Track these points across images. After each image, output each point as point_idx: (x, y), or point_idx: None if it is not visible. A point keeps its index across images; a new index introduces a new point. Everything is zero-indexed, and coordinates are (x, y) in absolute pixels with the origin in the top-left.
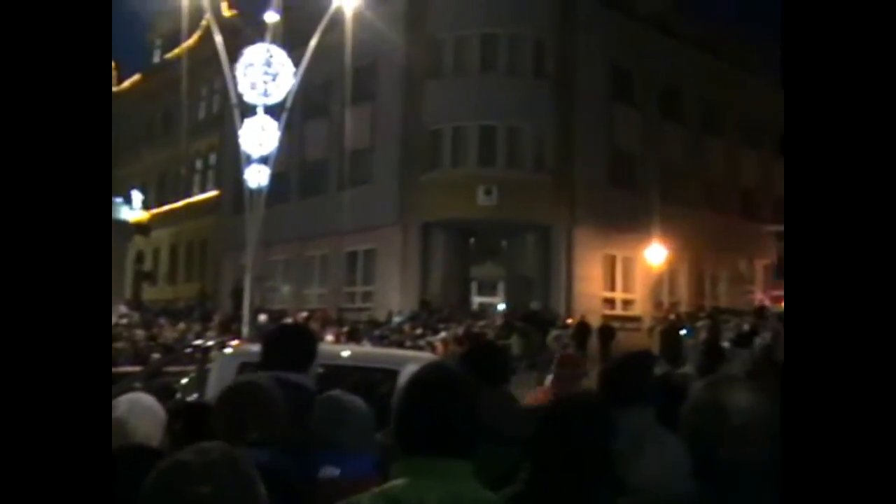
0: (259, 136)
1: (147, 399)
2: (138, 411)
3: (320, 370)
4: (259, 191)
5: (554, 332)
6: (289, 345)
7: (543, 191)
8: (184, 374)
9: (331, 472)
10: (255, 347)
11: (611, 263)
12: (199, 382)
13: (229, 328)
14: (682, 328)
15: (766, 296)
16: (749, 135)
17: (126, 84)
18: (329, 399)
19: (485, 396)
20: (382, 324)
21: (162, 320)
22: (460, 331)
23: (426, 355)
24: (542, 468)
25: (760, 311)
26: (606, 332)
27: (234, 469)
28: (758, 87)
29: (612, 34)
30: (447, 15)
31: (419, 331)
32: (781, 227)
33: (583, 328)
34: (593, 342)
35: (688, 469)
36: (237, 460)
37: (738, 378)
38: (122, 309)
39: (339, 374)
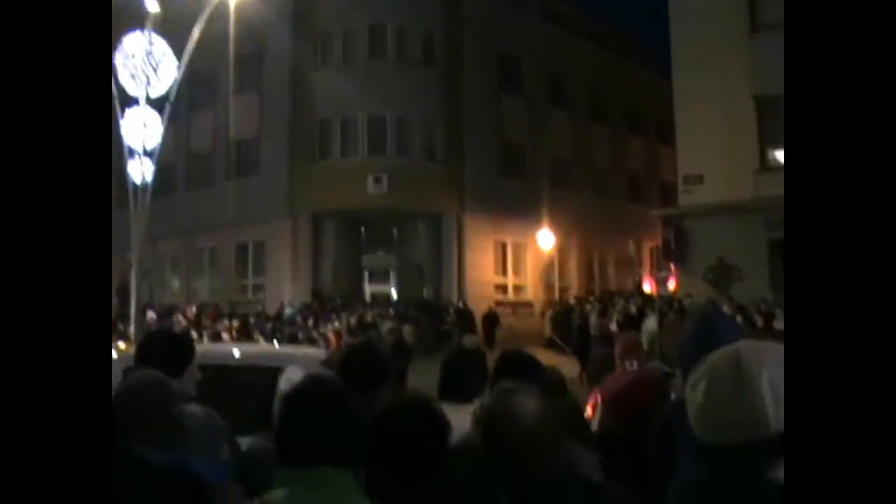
0: (142, 129)
1: None
2: None
3: (199, 376)
4: (144, 185)
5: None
6: (161, 351)
7: (433, 179)
8: None
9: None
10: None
11: (502, 250)
12: None
13: (115, 327)
14: (571, 312)
15: (652, 278)
16: (633, 122)
17: None
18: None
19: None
20: (275, 317)
21: None
22: (353, 321)
23: (314, 352)
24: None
25: (643, 292)
26: (491, 318)
27: None
28: (641, 75)
29: (498, 23)
30: (334, 5)
31: (312, 322)
32: (667, 211)
33: (464, 314)
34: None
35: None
36: None
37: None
38: None
39: (230, 374)
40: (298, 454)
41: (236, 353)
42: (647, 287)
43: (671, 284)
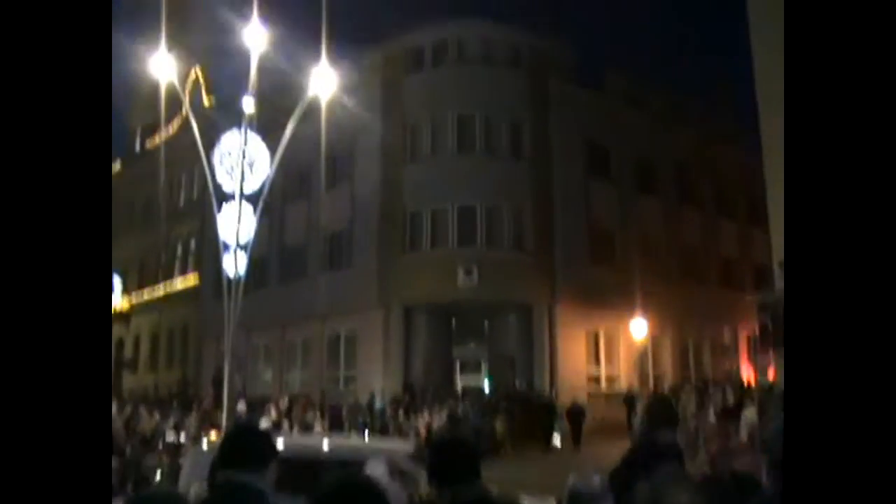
0: (236, 224)
1: None
2: None
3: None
4: (237, 278)
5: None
6: (243, 445)
7: (524, 269)
8: (158, 467)
9: None
10: None
11: (594, 339)
12: (172, 477)
13: (210, 417)
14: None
15: (750, 366)
16: (724, 205)
17: None
18: None
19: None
20: (366, 408)
21: (141, 410)
22: (443, 414)
23: (402, 445)
24: None
25: (740, 381)
26: (577, 412)
27: None
28: (731, 156)
29: (584, 111)
30: (422, 98)
31: (402, 414)
32: (763, 296)
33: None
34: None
35: None
36: None
37: (683, 477)
38: None
39: (319, 467)
40: None
41: (325, 446)
42: (745, 376)
43: (770, 373)
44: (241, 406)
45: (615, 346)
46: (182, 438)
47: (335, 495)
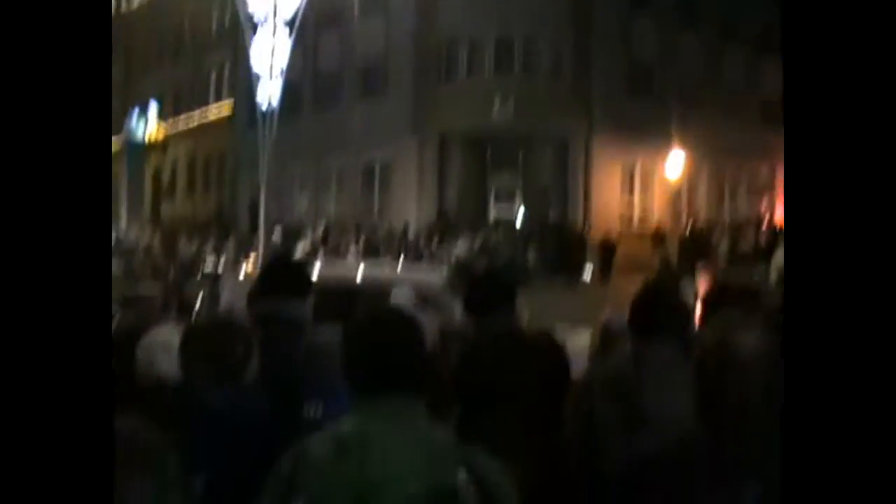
0: (270, 52)
1: (164, 333)
2: (156, 347)
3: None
4: (271, 106)
5: None
6: (282, 276)
7: (561, 100)
8: (200, 292)
9: (314, 410)
10: None
11: (629, 174)
12: (213, 302)
13: (247, 245)
14: (699, 240)
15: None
16: (767, 44)
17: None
18: (315, 335)
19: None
20: (400, 237)
21: (179, 236)
22: (477, 242)
23: (435, 274)
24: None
25: (775, 222)
26: (608, 247)
27: None
28: None
29: None
30: None
31: (436, 243)
32: None
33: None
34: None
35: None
36: None
37: (744, 317)
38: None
39: (353, 296)
40: (367, 380)
41: (359, 274)
42: (780, 217)
43: None
44: (277, 234)
45: (650, 182)
46: (220, 266)
47: (369, 326)
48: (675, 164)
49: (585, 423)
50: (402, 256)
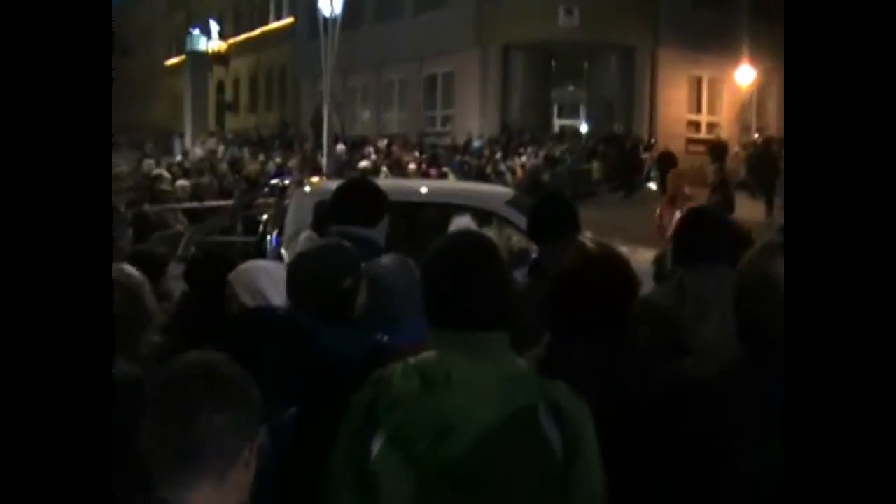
0: None
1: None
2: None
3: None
4: (333, 17)
5: None
6: (357, 200)
7: (627, 10)
8: (267, 207)
9: (382, 339)
10: (331, 185)
11: (696, 85)
12: (279, 218)
13: (311, 159)
14: (768, 153)
15: None
16: None
17: None
18: (376, 267)
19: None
20: (463, 148)
21: (244, 151)
22: (541, 155)
23: (500, 190)
24: (558, 332)
25: None
26: (668, 158)
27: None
28: None
29: None
30: None
31: (500, 155)
32: None
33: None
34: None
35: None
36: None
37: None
38: (204, 146)
39: (416, 210)
40: (448, 314)
41: (423, 189)
42: None
43: None
44: (341, 147)
45: (718, 93)
46: (286, 180)
47: (448, 258)
48: (743, 76)
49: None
50: (463, 169)
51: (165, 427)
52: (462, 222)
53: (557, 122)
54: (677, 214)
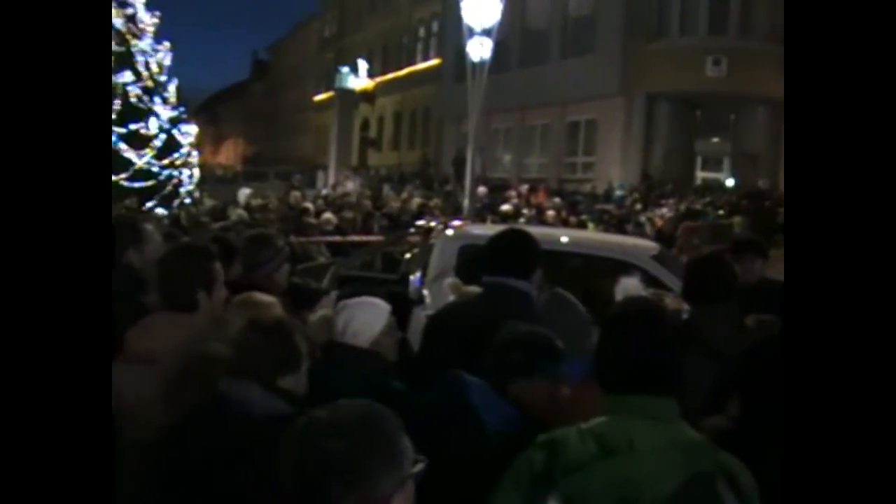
0: (480, 8)
1: (371, 300)
2: (354, 310)
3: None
4: (481, 61)
5: None
6: (514, 251)
7: (775, 62)
8: (409, 246)
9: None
10: (476, 230)
11: None
12: (422, 260)
13: (452, 199)
14: None
15: None
16: None
17: None
18: (552, 300)
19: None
20: (603, 197)
21: (386, 188)
22: (682, 207)
23: (645, 244)
24: (755, 399)
25: None
26: None
27: (368, 427)
28: None
29: None
30: None
31: (640, 206)
32: None
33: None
34: None
35: None
36: (375, 418)
37: None
38: (350, 181)
39: (558, 259)
40: (623, 380)
41: (564, 238)
42: None
43: None
44: (482, 189)
45: None
46: (432, 222)
47: (632, 318)
48: None
49: None
50: (602, 219)
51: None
52: (629, 284)
53: (700, 175)
54: None
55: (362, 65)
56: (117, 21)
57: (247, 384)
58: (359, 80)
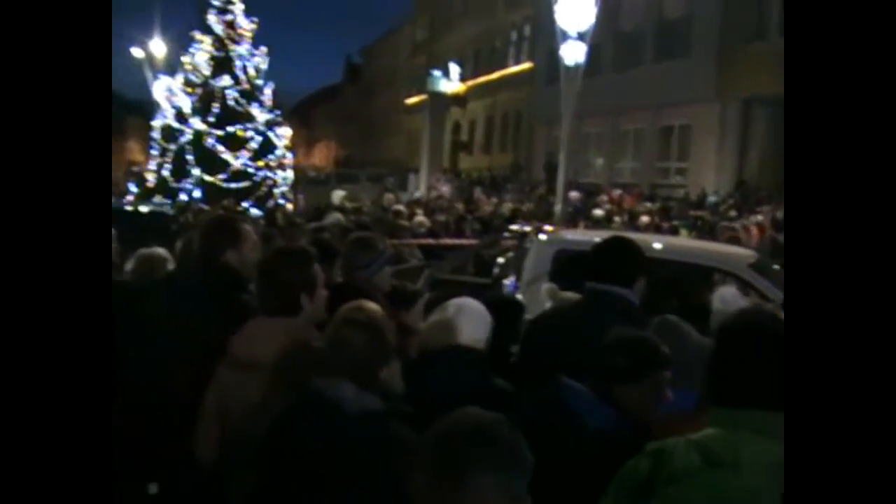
0: (574, 12)
1: (475, 303)
2: (466, 313)
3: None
4: (575, 64)
5: None
6: (618, 259)
7: None
8: (502, 250)
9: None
10: (570, 235)
11: None
12: (517, 264)
13: (545, 204)
14: None
15: None
16: None
17: None
18: (663, 326)
19: None
20: (696, 203)
21: (478, 191)
22: (778, 214)
23: (743, 253)
24: None
25: None
26: None
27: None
28: None
29: None
30: None
31: (734, 213)
32: None
33: None
34: None
35: None
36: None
37: None
38: (443, 185)
39: (651, 266)
40: (732, 393)
41: (657, 244)
42: None
43: None
44: (575, 194)
45: None
46: (525, 227)
47: (747, 330)
48: None
49: None
50: (696, 226)
51: (436, 482)
52: (727, 294)
53: None
54: None
55: (454, 68)
56: (217, 27)
57: (340, 382)
58: (450, 83)
